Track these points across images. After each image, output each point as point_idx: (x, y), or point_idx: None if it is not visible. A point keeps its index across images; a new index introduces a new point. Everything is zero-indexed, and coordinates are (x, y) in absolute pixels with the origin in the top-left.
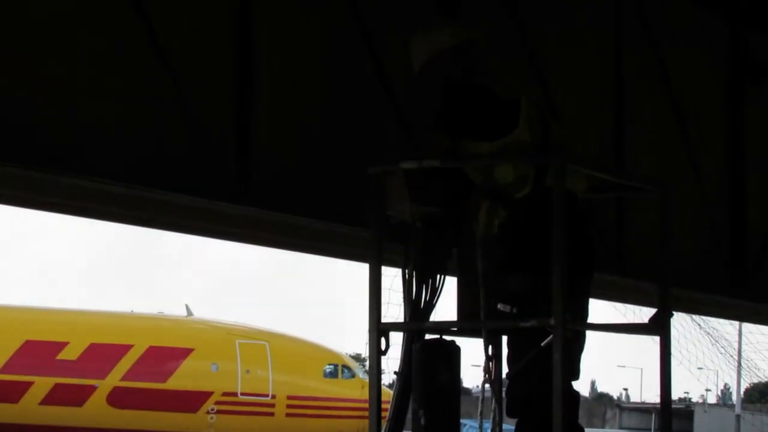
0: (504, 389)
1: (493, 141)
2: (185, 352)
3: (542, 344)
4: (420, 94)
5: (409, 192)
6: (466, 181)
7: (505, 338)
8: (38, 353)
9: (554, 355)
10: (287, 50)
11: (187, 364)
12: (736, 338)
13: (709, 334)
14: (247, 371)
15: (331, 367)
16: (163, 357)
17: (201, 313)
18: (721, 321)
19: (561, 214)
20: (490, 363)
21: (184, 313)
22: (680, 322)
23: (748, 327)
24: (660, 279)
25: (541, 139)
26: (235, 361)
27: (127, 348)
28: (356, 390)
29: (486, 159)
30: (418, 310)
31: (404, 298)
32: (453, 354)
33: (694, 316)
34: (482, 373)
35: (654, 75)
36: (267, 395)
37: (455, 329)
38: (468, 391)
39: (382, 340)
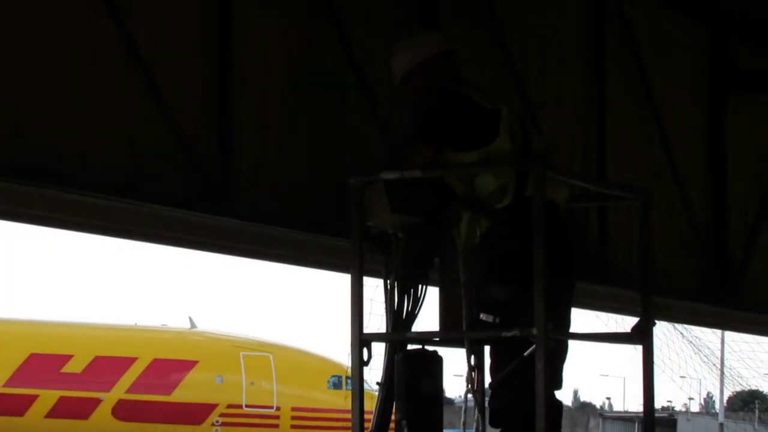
0: (487, 399)
1: (474, 150)
2: (190, 365)
3: (525, 354)
4: (404, 103)
5: (390, 202)
6: (447, 191)
7: (487, 348)
8: (43, 366)
9: (537, 365)
10: (269, 62)
11: (191, 377)
12: (719, 347)
13: (691, 342)
14: (252, 383)
15: (336, 378)
16: (168, 369)
17: (203, 325)
18: (704, 329)
19: (541, 223)
20: (473, 373)
21: (187, 325)
22: (663, 331)
23: (730, 335)
24: (642, 288)
25: (521, 148)
26: (239, 373)
27: (131, 361)
28: None
29: (467, 168)
30: (400, 320)
31: (386, 308)
32: (435, 364)
33: (676, 324)
34: (465, 383)
35: (636, 83)
36: (271, 407)
37: (438, 339)
38: (451, 401)
39: (365, 350)
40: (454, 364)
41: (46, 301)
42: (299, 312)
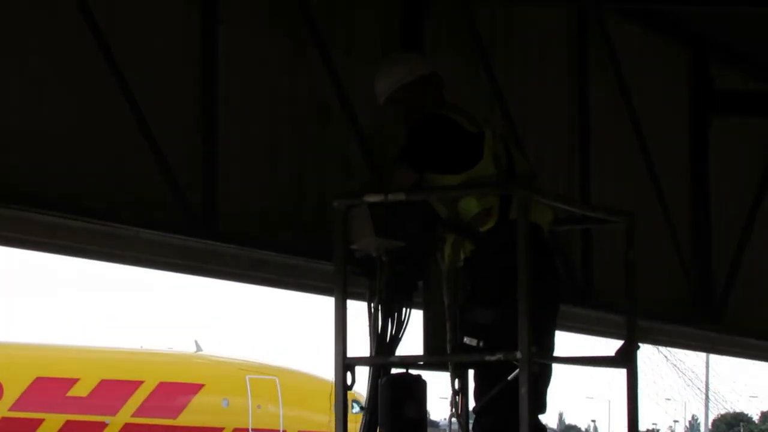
0: (471, 423)
1: (458, 174)
2: (196, 388)
3: (509, 378)
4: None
5: (373, 226)
6: (431, 214)
7: (471, 372)
8: (49, 390)
9: (521, 389)
10: (252, 85)
11: (197, 400)
12: (704, 370)
13: (675, 366)
14: (258, 407)
15: None
16: (174, 393)
17: (209, 348)
18: (688, 352)
19: (525, 246)
20: (457, 397)
21: (193, 348)
22: (648, 354)
23: (715, 359)
24: (626, 311)
25: (506, 171)
26: (245, 397)
27: (137, 384)
28: None
29: (451, 191)
30: (384, 343)
31: (370, 332)
32: (419, 388)
33: (660, 348)
34: (449, 407)
35: (620, 106)
36: (278, 431)
37: (422, 363)
38: (436, 424)
39: (348, 374)
40: (439, 386)
41: (51, 325)
42: (305, 335)
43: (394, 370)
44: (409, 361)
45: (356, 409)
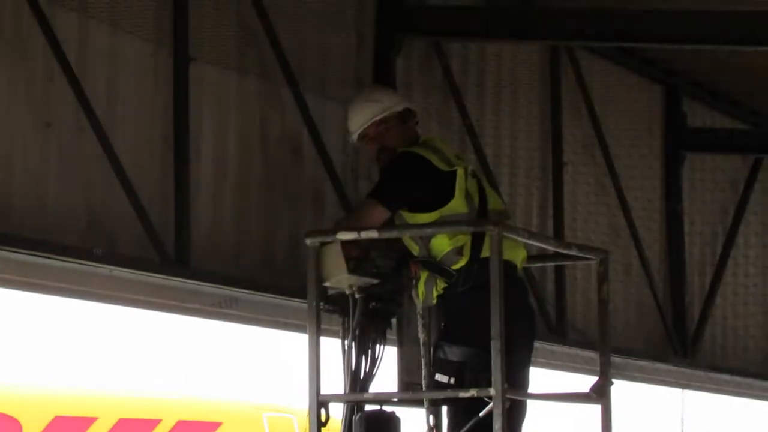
0: None
1: (430, 212)
2: (213, 427)
3: (480, 414)
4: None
5: (346, 263)
6: (404, 252)
7: (445, 408)
8: (68, 429)
9: (494, 426)
10: (223, 123)
11: None
12: (678, 406)
13: (649, 402)
14: None
15: None
16: None
17: (225, 387)
18: (664, 389)
19: (498, 283)
20: None
21: (209, 387)
22: (622, 391)
23: (690, 395)
24: (600, 347)
25: (478, 209)
26: None
27: (155, 423)
28: None
29: (423, 229)
30: (358, 380)
31: (344, 369)
32: (393, 425)
33: (634, 384)
34: None
35: (592, 143)
36: None
37: (396, 400)
38: None
39: (322, 411)
40: (414, 423)
41: (69, 368)
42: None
43: (368, 407)
44: (383, 398)
45: None
